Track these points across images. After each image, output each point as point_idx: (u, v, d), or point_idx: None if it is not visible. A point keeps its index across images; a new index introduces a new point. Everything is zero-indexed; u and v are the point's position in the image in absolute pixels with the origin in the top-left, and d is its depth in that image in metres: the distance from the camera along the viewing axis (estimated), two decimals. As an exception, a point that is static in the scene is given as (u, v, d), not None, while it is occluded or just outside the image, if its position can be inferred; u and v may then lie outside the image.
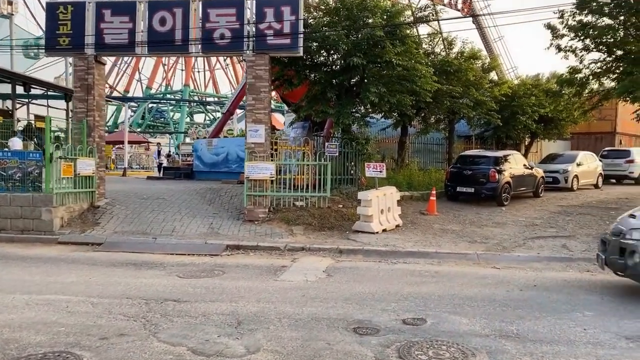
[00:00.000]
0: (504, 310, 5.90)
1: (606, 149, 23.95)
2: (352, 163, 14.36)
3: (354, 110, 14.03)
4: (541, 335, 5.05)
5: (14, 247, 9.87)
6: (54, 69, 36.60)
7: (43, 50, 12.94)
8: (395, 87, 13.68)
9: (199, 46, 11.80)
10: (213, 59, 72.87)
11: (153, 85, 70.87)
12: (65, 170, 11.17)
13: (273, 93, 20.68)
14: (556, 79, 18.07)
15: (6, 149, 14.37)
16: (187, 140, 32.55)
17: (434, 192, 13.64)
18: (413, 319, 5.51)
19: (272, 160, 12.08)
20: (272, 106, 37.08)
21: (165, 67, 72.27)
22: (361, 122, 14.49)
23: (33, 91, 22.24)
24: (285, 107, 25.27)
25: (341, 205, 12.67)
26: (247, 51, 11.71)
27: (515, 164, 15.71)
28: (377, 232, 11.03)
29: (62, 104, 23.65)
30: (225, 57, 64.40)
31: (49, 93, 23.46)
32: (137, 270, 8.05)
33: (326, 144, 13.56)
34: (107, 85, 64.24)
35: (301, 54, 11.77)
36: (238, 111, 30.28)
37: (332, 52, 13.38)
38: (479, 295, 6.60)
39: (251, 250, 9.84)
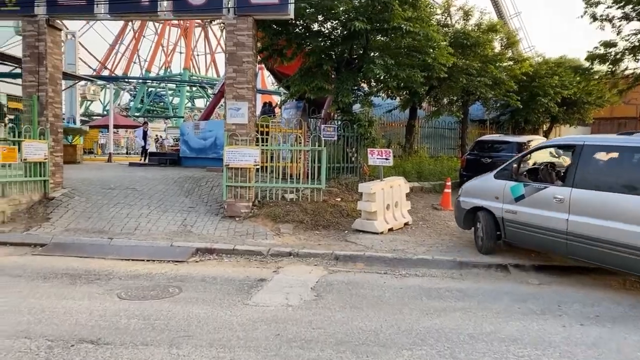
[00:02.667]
0: (570, 365, 4.00)
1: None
2: (353, 149, 12.37)
3: (355, 86, 12.02)
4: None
5: None
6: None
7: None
8: (404, 60, 11.68)
9: (170, 4, 9.80)
10: (214, 42, 70.94)
11: (152, 68, 69.02)
12: (6, 155, 9.26)
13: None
14: (586, 55, 15.95)
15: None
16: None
17: (449, 183, 11.70)
18: (438, 385, 3.63)
19: (257, 144, 10.12)
20: (272, 88, 35.11)
21: (165, 49, 70.40)
22: (364, 102, 12.49)
23: (3, 68, 20.20)
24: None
25: (339, 199, 10.75)
26: (227, 12, 9.68)
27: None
28: (381, 232, 9.15)
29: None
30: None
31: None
32: (70, 285, 6.18)
33: (322, 126, 11.58)
34: (103, 68, 62.93)
35: (292, 15, 9.72)
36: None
37: (330, 17, 11.33)
38: (526, 332, 4.70)
39: (226, 254, 7.96)
